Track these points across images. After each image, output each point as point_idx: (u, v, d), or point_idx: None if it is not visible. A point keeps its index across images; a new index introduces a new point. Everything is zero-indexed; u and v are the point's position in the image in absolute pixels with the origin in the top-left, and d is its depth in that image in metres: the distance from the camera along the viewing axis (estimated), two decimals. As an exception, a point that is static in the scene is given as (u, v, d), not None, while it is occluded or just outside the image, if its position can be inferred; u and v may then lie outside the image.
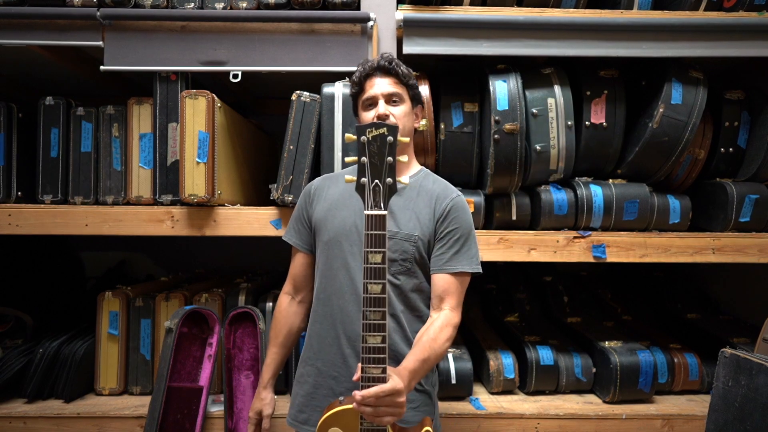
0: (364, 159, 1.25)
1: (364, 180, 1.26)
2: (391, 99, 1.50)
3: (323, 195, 1.57)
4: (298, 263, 1.63)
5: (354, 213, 1.48)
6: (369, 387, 1.21)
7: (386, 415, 1.22)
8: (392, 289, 1.45)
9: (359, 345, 1.40)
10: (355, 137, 1.26)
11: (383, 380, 1.23)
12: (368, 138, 1.25)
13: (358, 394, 1.21)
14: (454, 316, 1.44)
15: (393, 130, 1.25)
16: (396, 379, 1.23)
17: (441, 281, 1.46)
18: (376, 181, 1.25)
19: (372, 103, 1.51)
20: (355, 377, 1.26)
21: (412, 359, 1.34)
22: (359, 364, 1.26)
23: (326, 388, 1.47)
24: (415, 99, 1.57)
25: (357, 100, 1.57)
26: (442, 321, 1.42)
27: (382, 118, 1.46)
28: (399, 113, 1.50)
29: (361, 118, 1.55)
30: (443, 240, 1.48)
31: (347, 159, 1.32)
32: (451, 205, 1.49)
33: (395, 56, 1.57)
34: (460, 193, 1.56)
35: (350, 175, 1.58)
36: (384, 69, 1.51)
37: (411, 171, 1.58)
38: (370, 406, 1.21)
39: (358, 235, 1.45)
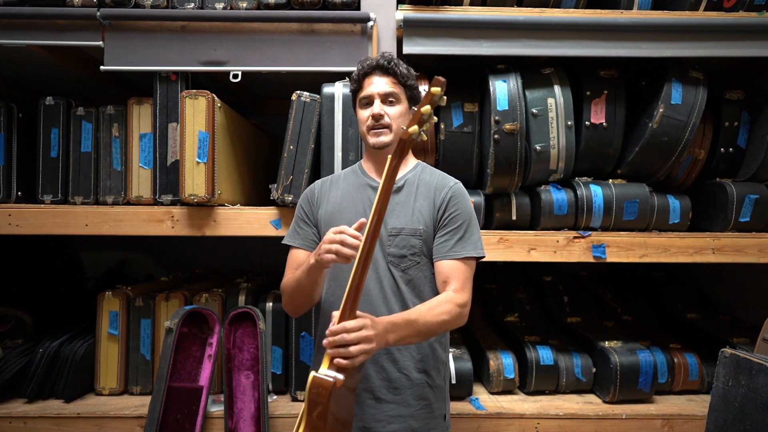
0: None
1: None
2: (387, 99, 1.51)
3: (326, 197, 1.58)
4: (302, 257, 1.55)
5: (357, 214, 1.49)
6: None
7: (354, 345, 1.18)
8: (405, 285, 1.47)
9: None
10: None
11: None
12: None
13: (328, 330, 1.20)
14: (456, 296, 1.41)
15: None
16: (364, 316, 1.23)
17: (444, 267, 1.46)
18: None
19: (368, 101, 1.53)
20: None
21: (398, 315, 1.33)
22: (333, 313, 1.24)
23: None
24: (413, 99, 1.57)
25: (355, 97, 1.58)
26: (443, 297, 1.41)
27: (377, 117, 1.49)
28: (394, 113, 1.51)
29: (358, 116, 1.57)
30: (445, 227, 1.48)
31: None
32: (450, 193, 1.51)
33: (395, 56, 1.57)
34: (458, 181, 1.57)
35: (346, 176, 1.60)
36: (383, 68, 1.52)
37: (408, 167, 1.59)
38: (337, 336, 1.18)
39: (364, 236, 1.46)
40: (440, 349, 1.52)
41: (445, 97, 1.25)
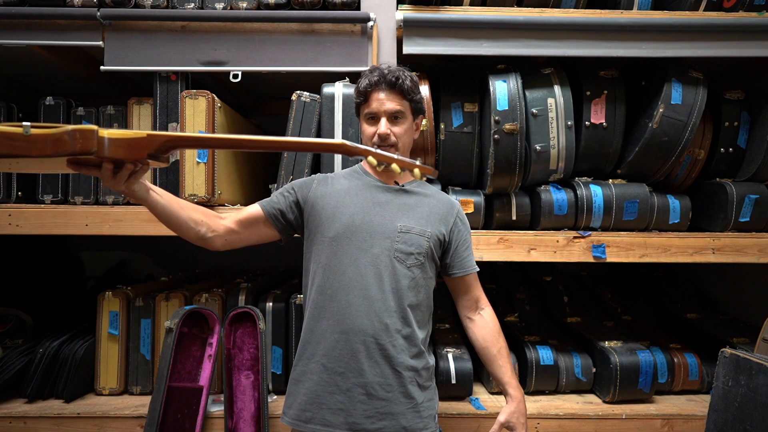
0: None
1: None
2: (393, 116, 1.53)
3: (327, 191, 1.58)
4: (254, 212, 1.59)
5: (362, 209, 1.51)
6: None
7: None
8: (408, 281, 1.49)
9: (368, 340, 1.45)
10: None
11: None
12: None
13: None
14: (493, 314, 1.65)
15: None
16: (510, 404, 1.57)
17: (469, 281, 1.63)
18: None
19: (374, 118, 1.54)
20: None
21: (511, 380, 1.59)
22: None
23: (332, 385, 1.47)
24: (418, 111, 1.60)
25: (360, 109, 1.59)
26: (495, 321, 1.64)
27: (383, 137, 1.52)
28: (399, 132, 1.54)
29: (363, 129, 1.58)
30: (462, 245, 1.60)
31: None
32: (460, 214, 1.63)
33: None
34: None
35: (347, 176, 1.62)
36: (390, 84, 1.52)
37: (407, 178, 1.63)
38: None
39: (368, 231, 1.49)
40: (427, 351, 1.57)
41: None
